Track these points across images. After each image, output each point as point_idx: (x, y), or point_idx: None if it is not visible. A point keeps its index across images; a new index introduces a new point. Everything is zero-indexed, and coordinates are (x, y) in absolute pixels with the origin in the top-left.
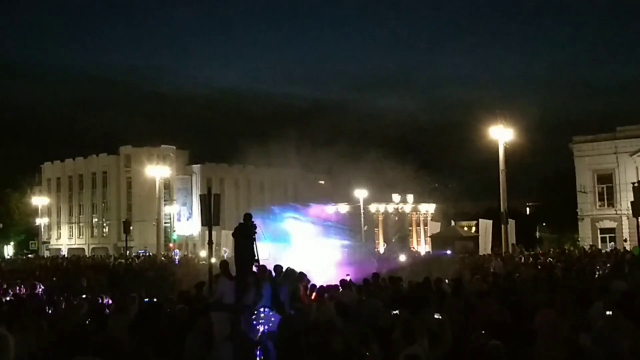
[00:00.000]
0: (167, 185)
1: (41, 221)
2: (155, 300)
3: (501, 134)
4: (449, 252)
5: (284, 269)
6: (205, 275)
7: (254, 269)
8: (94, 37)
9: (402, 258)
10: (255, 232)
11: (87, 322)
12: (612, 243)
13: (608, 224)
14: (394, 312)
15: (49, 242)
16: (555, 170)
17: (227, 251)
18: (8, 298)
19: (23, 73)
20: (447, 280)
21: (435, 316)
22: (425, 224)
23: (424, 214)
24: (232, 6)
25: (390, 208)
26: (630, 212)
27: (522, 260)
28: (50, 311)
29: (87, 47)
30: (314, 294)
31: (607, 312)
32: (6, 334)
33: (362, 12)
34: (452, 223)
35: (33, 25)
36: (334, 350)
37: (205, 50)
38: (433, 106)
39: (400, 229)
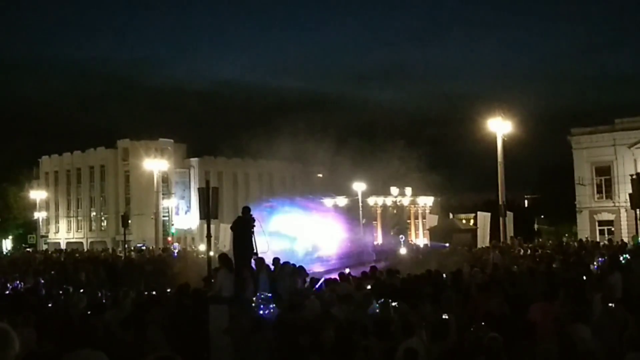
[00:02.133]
0: (165, 179)
1: (39, 215)
2: (154, 293)
3: (499, 127)
4: (447, 245)
5: (282, 262)
6: (204, 268)
7: (253, 262)
8: (91, 31)
9: (402, 251)
10: (254, 226)
11: (86, 315)
12: (610, 236)
13: (606, 216)
14: (393, 304)
15: (47, 236)
16: (554, 163)
17: (225, 245)
18: (7, 292)
19: (20, 67)
20: (444, 275)
21: (443, 316)
22: (424, 217)
23: (422, 206)
24: (229, 0)
25: (389, 201)
26: (629, 204)
27: (521, 252)
28: (49, 305)
29: (85, 41)
30: (313, 287)
31: (607, 305)
32: (9, 330)
33: (361, 4)
34: (451, 216)
35: (30, 19)
36: (327, 345)
37: (203, 44)
38: (431, 99)
39: (398, 222)
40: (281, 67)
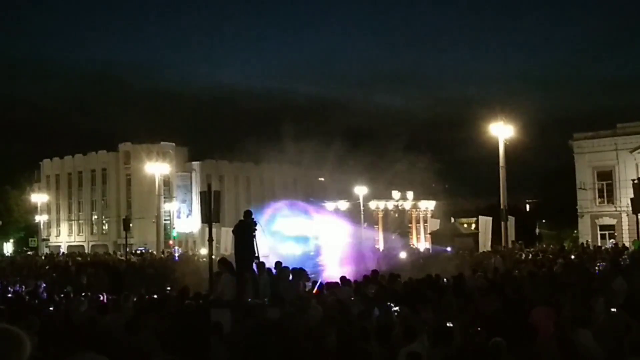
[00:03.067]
0: (166, 182)
1: (40, 218)
2: (155, 297)
3: (501, 131)
4: (448, 249)
5: (283, 266)
6: (206, 272)
7: (254, 265)
8: (93, 33)
9: (403, 255)
10: (256, 229)
11: (88, 319)
12: (612, 240)
13: (608, 221)
14: (394, 308)
15: (48, 240)
16: (555, 167)
17: (227, 249)
18: (9, 295)
19: (21, 70)
20: (445, 280)
21: (447, 324)
22: (425, 221)
23: (424, 210)
24: (232, 3)
25: (390, 205)
26: (630, 208)
27: (523, 257)
28: (51, 309)
29: (87, 44)
30: (315, 290)
31: (610, 309)
32: (22, 334)
33: (363, 9)
34: (452, 220)
35: (31, 21)
36: (328, 350)
37: (205, 47)
38: (433, 103)
39: (400, 226)
40: (284, 71)
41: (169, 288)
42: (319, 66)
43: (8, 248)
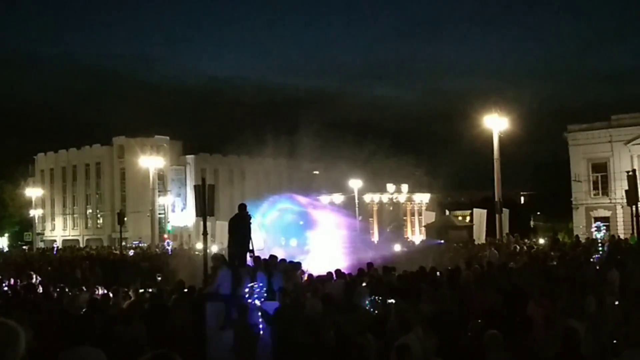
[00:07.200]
0: (161, 176)
1: (35, 213)
2: (150, 290)
3: (496, 123)
4: (442, 241)
5: (278, 259)
6: (201, 266)
7: (249, 259)
8: (87, 27)
9: (397, 247)
10: (250, 223)
11: (84, 313)
12: (607, 232)
13: (602, 213)
14: (389, 301)
15: (43, 234)
16: (550, 159)
17: (222, 243)
18: (5, 289)
19: (16, 64)
20: (438, 273)
21: (442, 317)
22: (420, 214)
23: (419, 203)
24: None
25: (385, 198)
26: (625, 200)
27: (517, 249)
28: (46, 303)
29: (80, 38)
30: (307, 281)
31: (603, 301)
32: (17, 327)
33: (360, 2)
34: (447, 212)
35: (26, 15)
36: (327, 344)
37: (200, 40)
38: (428, 95)
39: (395, 219)
40: (278, 64)
41: (159, 278)
42: (314, 59)
43: (3, 242)
